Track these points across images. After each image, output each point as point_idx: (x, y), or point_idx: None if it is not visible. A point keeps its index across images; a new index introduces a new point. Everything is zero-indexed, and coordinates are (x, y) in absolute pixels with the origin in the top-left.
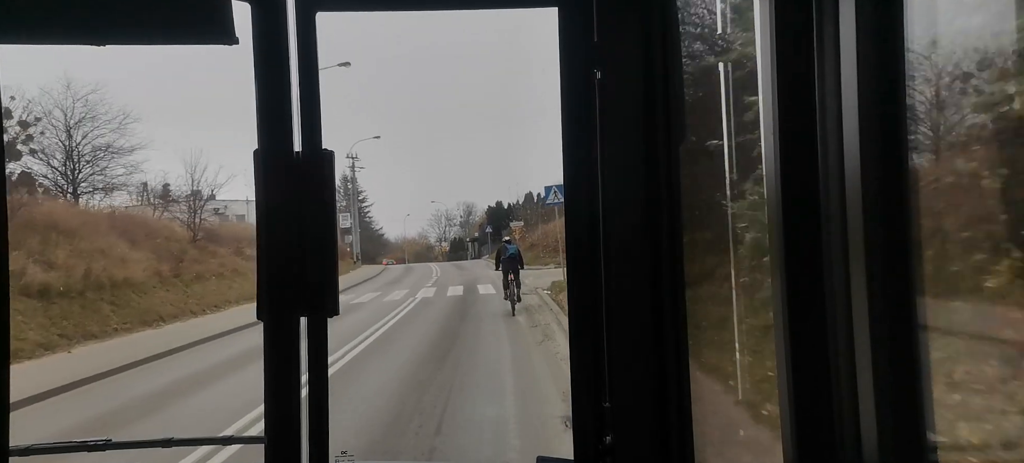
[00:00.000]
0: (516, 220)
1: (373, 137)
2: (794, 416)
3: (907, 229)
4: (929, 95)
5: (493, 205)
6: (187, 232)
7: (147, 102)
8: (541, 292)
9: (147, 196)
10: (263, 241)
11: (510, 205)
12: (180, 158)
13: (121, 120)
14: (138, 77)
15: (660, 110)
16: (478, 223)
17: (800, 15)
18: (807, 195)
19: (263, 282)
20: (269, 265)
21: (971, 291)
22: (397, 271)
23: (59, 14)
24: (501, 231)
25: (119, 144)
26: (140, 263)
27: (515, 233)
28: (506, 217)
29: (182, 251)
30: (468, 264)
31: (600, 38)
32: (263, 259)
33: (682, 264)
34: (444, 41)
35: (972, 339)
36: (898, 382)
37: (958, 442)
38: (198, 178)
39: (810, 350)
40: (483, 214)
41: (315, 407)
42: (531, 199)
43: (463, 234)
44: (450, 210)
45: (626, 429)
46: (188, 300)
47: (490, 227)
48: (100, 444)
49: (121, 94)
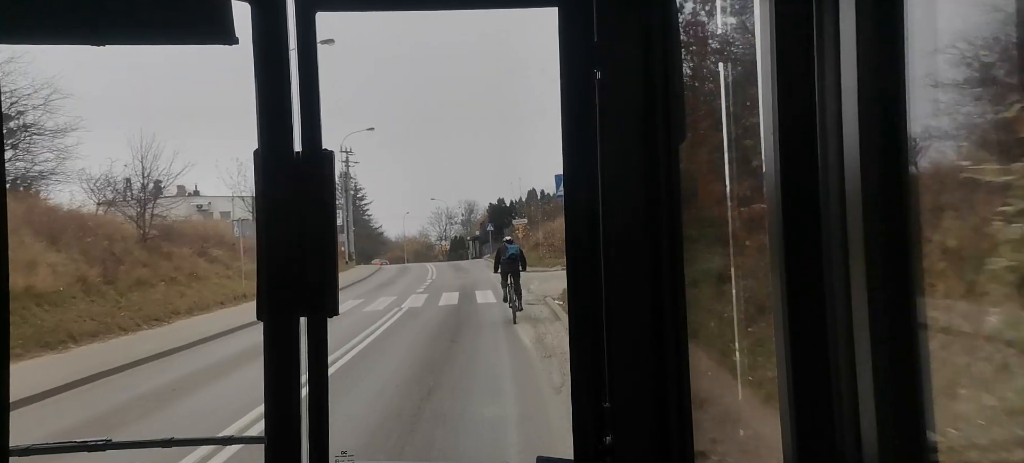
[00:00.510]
0: (519, 217)
1: (367, 129)
2: (794, 416)
3: (907, 229)
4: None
5: (495, 202)
6: (136, 230)
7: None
8: (550, 302)
9: (91, 188)
10: (263, 241)
11: (512, 203)
12: (127, 142)
13: (47, 95)
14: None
15: (660, 110)
16: (479, 221)
17: (800, 15)
18: (807, 195)
19: (263, 282)
20: (269, 265)
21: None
22: (391, 272)
23: (59, 14)
24: (503, 229)
25: (45, 124)
26: (56, 268)
27: (517, 231)
28: (508, 215)
29: (126, 252)
30: (467, 265)
31: (600, 38)
32: (263, 259)
33: (682, 264)
34: (445, 39)
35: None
36: (898, 382)
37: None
38: (149, 167)
39: (810, 350)
40: (485, 212)
41: (315, 407)
42: (534, 196)
43: (465, 232)
44: (451, 208)
45: (626, 429)
46: (119, 313)
47: (491, 225)
48: (100, 444)
49: (47, 67)
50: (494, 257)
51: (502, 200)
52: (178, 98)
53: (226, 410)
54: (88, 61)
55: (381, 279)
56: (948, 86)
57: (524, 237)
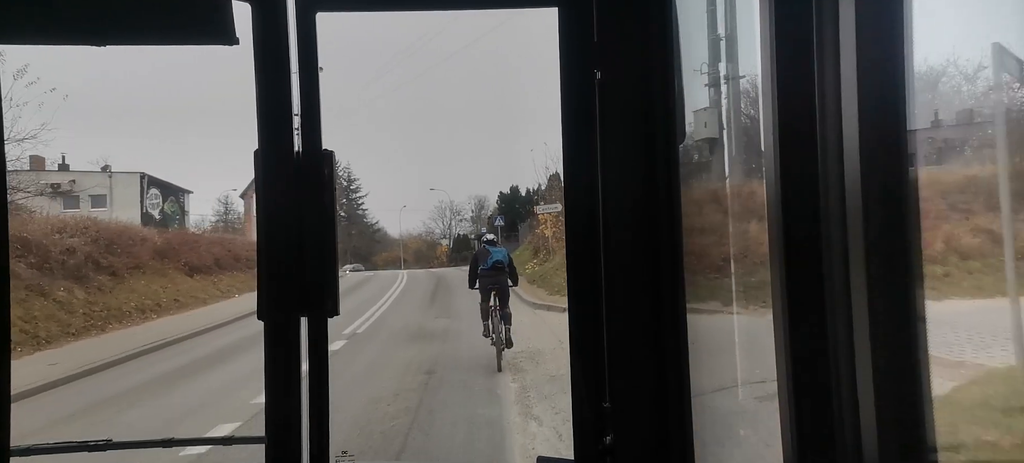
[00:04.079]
0: (546, 204)
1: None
2: (794, 416)
3: (907, 229)
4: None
5: (507, 191)
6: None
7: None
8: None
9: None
10: (263, 241)
11: (529, 191)
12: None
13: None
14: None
15: (660, 110)
16: (490, 215)
17: (800, 16)
18: (807, 195)
19: (263, 282)
20: (269, 265)
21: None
22: (353, 281)
23: (60, 15)
24: (517, 225)
25: None
26: None
27: (545, 224)
28: (526, 204)
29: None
30: (453, 276)
31: (600, 38)
32: (263, 259)
33: (682, 264)
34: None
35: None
36: (898, 382)
37: None
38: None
39: (810, 350)
40: (495, 206)
41: (315, 407)
42: (558, 181)
43: (473, 229)
44: (458, 203)
45: (626, 429)
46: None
47: (501, 219)
48: (101, 444)
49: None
50: (469, 265)
51: (515, 187)
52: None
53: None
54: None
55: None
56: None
57: (553, 234)
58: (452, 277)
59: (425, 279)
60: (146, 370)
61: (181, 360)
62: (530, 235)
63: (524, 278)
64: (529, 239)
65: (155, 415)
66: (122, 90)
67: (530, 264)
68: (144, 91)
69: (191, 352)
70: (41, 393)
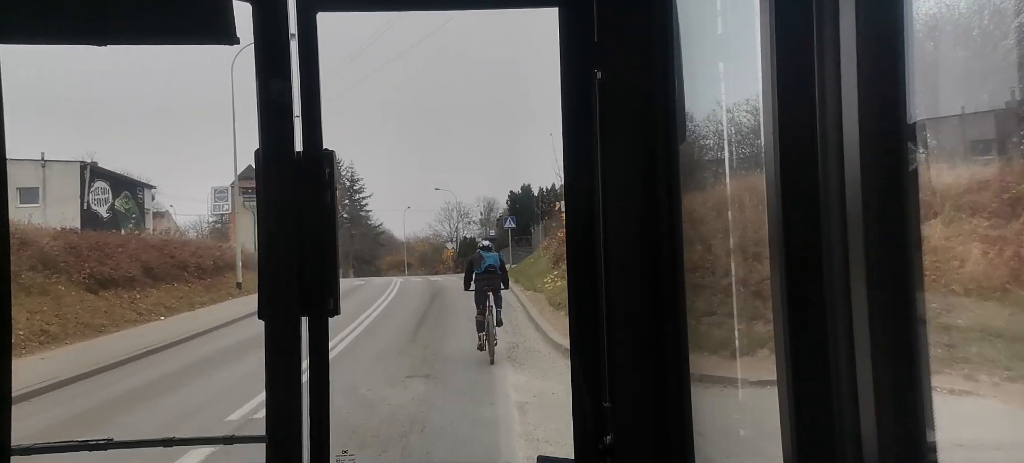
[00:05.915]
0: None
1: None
2: (794, 416)
3: (907, 229)
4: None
5: (517, 191)
6: None
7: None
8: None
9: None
10: (263, 241)
11: (542, 190)
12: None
13: None
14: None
15: (660, 110)
16: (499, 217)
17: (800, 16)
18: (807, 195)
19: (263, 282)
20: (269, 265)
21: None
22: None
23: (60, 14)
24: (530, 227)
25: None
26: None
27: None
28: (537, 204)
29: None
30: (454, 289)
31: (600, 38)
32: (263, 259)
33: (682, 264)
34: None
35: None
36: (898, 382)
37: None
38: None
39: (810, 350)
40: (505, 208)
41: (315, 407)
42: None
43: (480, 232)
44: (466, 204)
45: (626, 429)
46: None
47: (512, 221)
48: (102, 444)
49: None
50: (465, 269)
51: (527, 186)
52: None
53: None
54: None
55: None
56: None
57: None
58: (452, 290)
59: (418, 292)
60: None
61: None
62: (547, 239)
63: (544, 297)
64: (545, 244)
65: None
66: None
67: (550, 277)
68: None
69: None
70: None
